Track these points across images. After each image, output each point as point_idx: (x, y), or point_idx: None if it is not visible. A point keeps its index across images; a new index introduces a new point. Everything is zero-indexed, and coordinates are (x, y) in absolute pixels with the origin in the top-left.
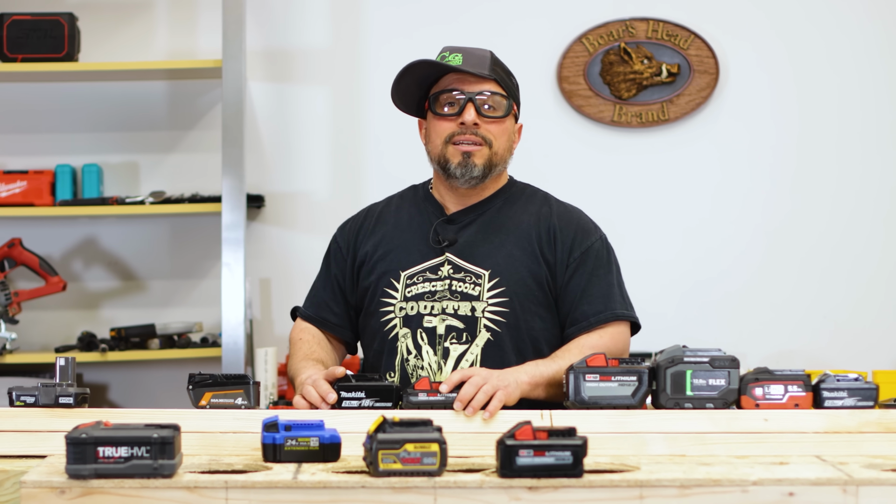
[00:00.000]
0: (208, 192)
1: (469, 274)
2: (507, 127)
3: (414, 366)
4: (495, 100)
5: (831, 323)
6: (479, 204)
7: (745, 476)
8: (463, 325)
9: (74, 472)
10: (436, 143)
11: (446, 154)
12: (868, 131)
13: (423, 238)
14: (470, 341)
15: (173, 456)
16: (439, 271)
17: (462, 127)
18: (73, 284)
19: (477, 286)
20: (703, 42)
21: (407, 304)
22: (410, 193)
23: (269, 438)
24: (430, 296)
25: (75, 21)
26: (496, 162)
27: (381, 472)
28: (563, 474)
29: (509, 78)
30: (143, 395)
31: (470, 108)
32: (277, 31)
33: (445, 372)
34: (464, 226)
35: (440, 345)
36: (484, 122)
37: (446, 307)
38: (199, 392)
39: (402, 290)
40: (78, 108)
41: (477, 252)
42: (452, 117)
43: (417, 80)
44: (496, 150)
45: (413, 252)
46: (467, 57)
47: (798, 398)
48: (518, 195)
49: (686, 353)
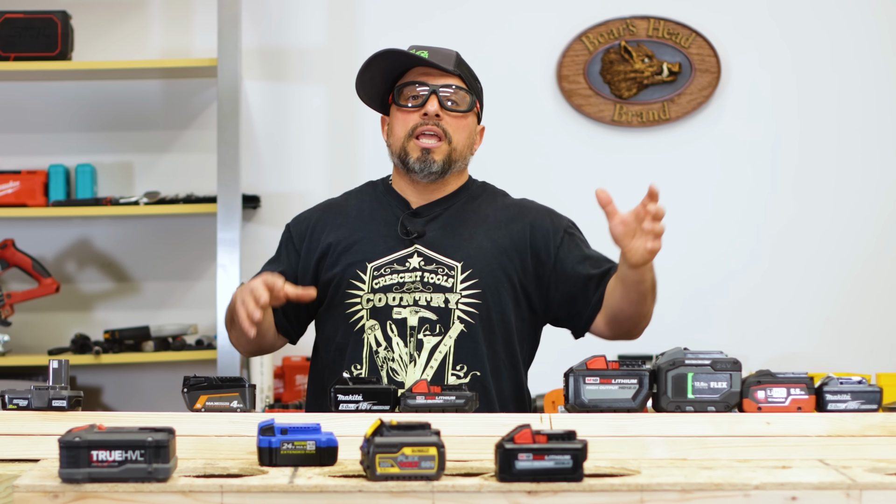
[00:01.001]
0: (203, 192)
1: (441, 266)
2: (468, 123)
3: (384, 357)
4: (459, 95)
5: (834, 325)
6: (444, 199)
7: (748, 480)
8: (436, 317)
9: (68, 476)
10: (398, 135)
11: (407, 148)
12: (871, 130)
13: (390, 230)
14: (443, 333)
15: (168, 460)
16: (407, 262)
17: (424, 118)
18: (67, 286)
19: (450, 278)
20: (704, 40)
21: (374, 295)
22: (369, 189)
23: (265, 442)
24: (399, 287)
25: (68, 19)
26: (455, 158)
27: (378, 476)
28: (562, 478)
29: (474, 80)
30: (137, 398)
31: (433, 100)
32: (273, 29)
33: (419, 364)
34: (431, 219)
35: (413, 337)
36: (446, 114)
37: (418, 299)
38: (194, 395)
39: (370, 282)
40: (71, 107)
41: (448, 244)
42: (415, 109)
43: (383, 73)
44: (455, 146)
45: (379, 244)
46: (433, 53)
47: (801, 401)
48: (479, 192)
49: (687, 356)
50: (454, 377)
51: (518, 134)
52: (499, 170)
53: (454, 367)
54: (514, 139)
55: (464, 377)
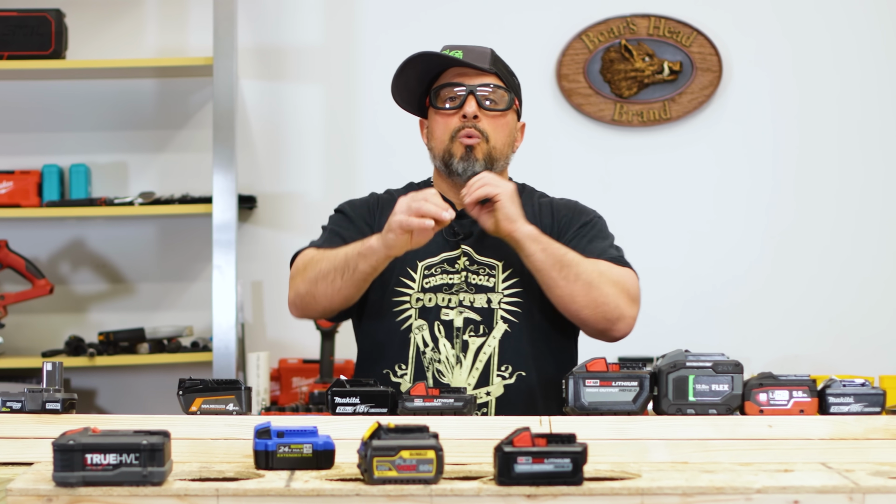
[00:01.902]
0: (199, 192)
1: (483, 266)
2: (507, 121)
3: (430, 359)
4: (497, 93)
5: (837, 327)
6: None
7: (749, 484)
8: (480, 318)
9: (62, 480)
10: (441, 138)
11: (451, 149)
12: (874, 128)
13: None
14: (487, 333)
15: (163, 463)
16: (456, 264)
17: (463, 120)
18: (61, 287)
19: (491, 277)
20: (705, 39)
21: (424, 295)
22: (413, 189)
23: (261, 445)
24: (448, 288)
25: (63, 17)
26: (496, 157)
27: (375, 479)
28: (562, 482)
29: (511, 76)
30: (132, 400)
31: (471, 101)
32: (269, 27)
33: (465, 366)
34: (474, 220)
35: (458, 338)
36: (484, 115)
37: (463, 300)
38: (189, 398)
39: (420, 281)
40: (65, 106)
41: (489, 244)
42: (454, 111)
43: (418, 76)
44: (494, 145)
45: (430, 243)
46: (468, 53)
47: (803, 404)
48: (519, 191)
49: (688, 358)
50: (499, 378)
51: None
52: None
53: (499, 368)
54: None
55: (509, 378)
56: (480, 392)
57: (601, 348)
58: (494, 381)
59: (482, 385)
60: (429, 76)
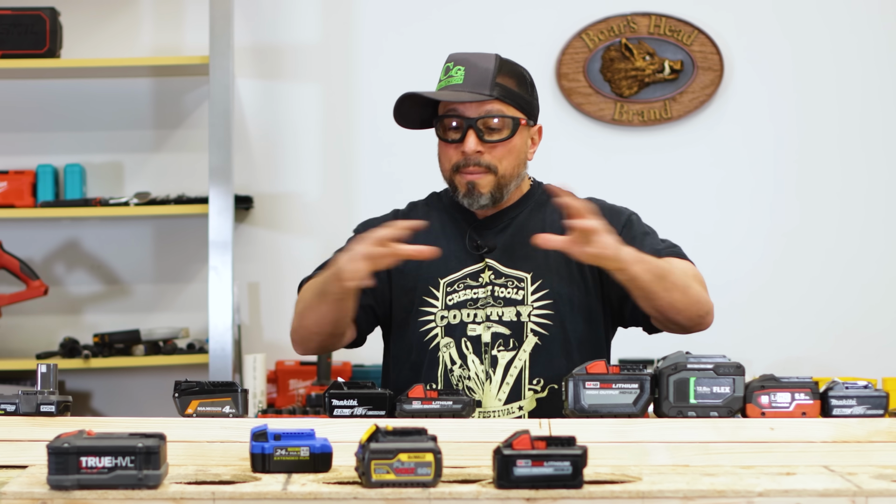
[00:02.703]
0: (195, 193)
1: (510, 279)
2: (514, 145)
3: (459, 376)
4: (500, 122)
5: (839, 328)
6: (509, 208)
7: (751, 487)
8: (509, 332)
9: (56, 483)
10: (445, 167)
11: (454, 182)
12: (877, 125)
13: (459, 244)
14: (517, 347)
15: (159, 466)
16: (480, 278)
17: (465, 156)
18: (55, 289)
19: (520, 290)
20: (706, 38)
21: (448, 312)
22: (434, 200)
23: (258, 448)
24: (473, 303)
25: (57, 16)
26: (504, 184)
27: (373, 482)
28: (562, 485)
29: (519, 86)
30: (127, 403)
31: (471, 136)
32: (266, 26)
33: (495, 381)
34: (498, 230)
35: (487, 353)
36: (487, 147)
37: (490, 314)
38: (185, 400)
39: (443, 299)
40: (60, 106)
41: (516, 255)
42: (456, 143)
43: (418, 105)
44: (503, 174)
45: (451, 259)
46: (469, 71)
47: (805, 406)
48: (544, 197)
49: (689, 360)
50: (531, 391)
51: None
52: None
53: (531, 382)
54: None
55: (541, 391)
56: (513, 407)
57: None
58: (526, 395)
59: (513, 400)
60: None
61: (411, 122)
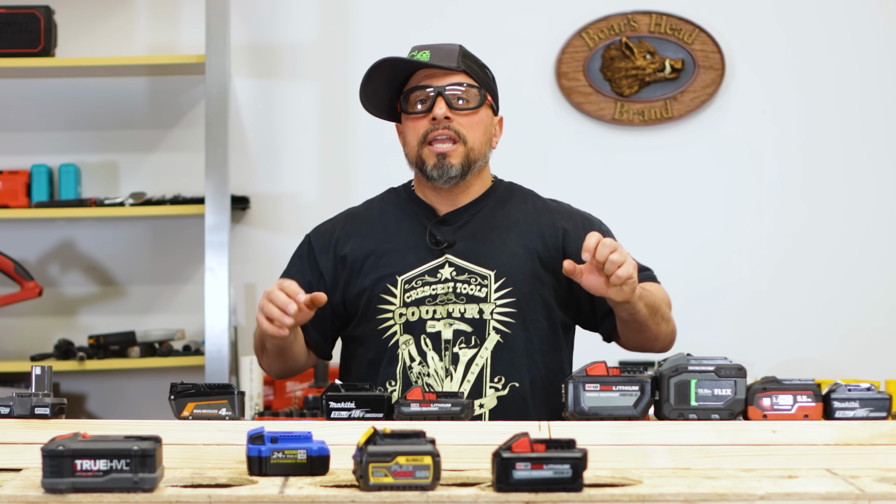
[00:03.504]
0: (191, 193)
1: (474, 275)
2: (481, 118)
3: (418, 373)
4: (467, 92)
5: (842, 330)
6: (471, 204)
7: (753, 490)
8: (471, 329)
9: (51, 487)
10: (412, 143)
11: (422, 155)
12: (880, 124)
13: (418, 240)
14: (479, 345)
15: (154, 469)
16: (439, 273)
17: (434, 122)
18: (50, 290)
19: (483, 287)
20: (708, 36)
21: (407, 309)
22: (392, 196)
23: (255, 451)
24: (432, 300)
25: (52, 14)
26: (474, 158)
27: (371, 486)
28: (561, 488)
29: (482, 70)
30: (122, 405)
31: (440, 102)
32: (263, 24)
33: (456, 379)
34: (459, 226)
35: (448, 350)
36: (456, 115)
37: (452, 311)
38: (181, 402)
39: (401, 296)
40: (55, 105)
41: (479, 252)
42: (424, 114)
43: (385, 82)
44: (472, 146)
45: (408, 255)
46: (435, 52)
47: (808, 409)
48: (507, 194)
49: (690, 362)
50: (492, 390)
51: (515, 133)
52: (496, 170)
53: (492, 380)
54: (511, 138)
55: (502, 389)
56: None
57: (599, 353)
58: (487, 392)
59: (474, 397)
60: (397, 81)
61: (378, 108)
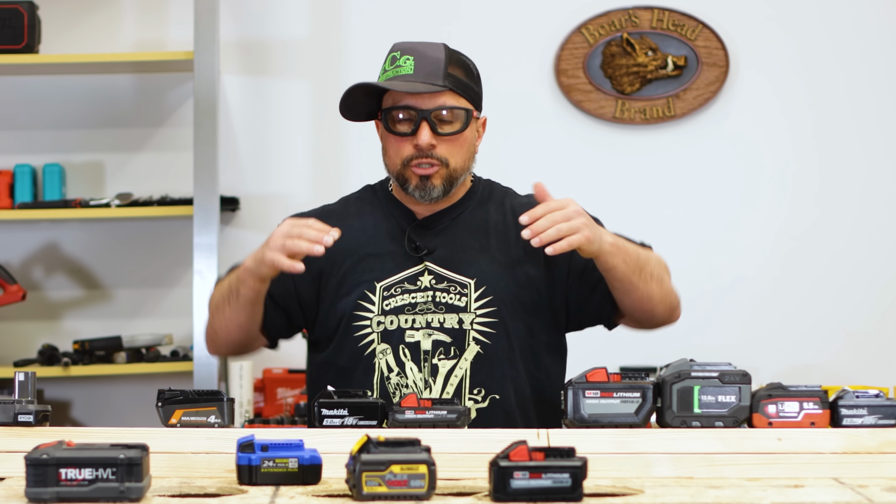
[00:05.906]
0: (179, 193)
1: (453, 283)
2: (466, 138)
3: (396, 384)
4: (452, 113)
5: (850, 335)
6: (451, 208)
7: (758, 500)
8: (450, 339)
9: (34, 496)
10: (394, 161)
11: (405, 175)
12: (889, 120)
13: (397, 245)
14: (458, 356)
15: (141, 478)
16: (418, 281)
17: (418, 149)
18: (33, 293)
19: (463, 296)
20: (711, 32)
21: (385, 318)
22: (369, 195)
23: (245, 459)
24: (411, 308)
25: (35, 10)
26: (456, 177)
27: (364, 495)
28: (560, 498)
29: (467, 75)
30: (108, 412)
31: (424, 129)
32: (253, 20)
33: (435, 391)
34: (439, 231)
35: (427, 361)
36: (440, 140)
37: (431, 321)
38: (168, 409)
39: (380, 303)
40: (38, 103)
41: (459, 259)
42: (408, 136)
43: (366, 95)
44: (454, 167)
45: (387, 261)
46: (419, 61)
47: (814, 416)
48: (486, 195)
49: (694, 368)
50: (471, 401)
51: (514, 132)
52: (493, 171)
53: (471, 392)
54: (510, 137)
55: (482, 402)
56: None
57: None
58: (466, 404)
59: None
60: (378, 91)
61: (357, 114)
